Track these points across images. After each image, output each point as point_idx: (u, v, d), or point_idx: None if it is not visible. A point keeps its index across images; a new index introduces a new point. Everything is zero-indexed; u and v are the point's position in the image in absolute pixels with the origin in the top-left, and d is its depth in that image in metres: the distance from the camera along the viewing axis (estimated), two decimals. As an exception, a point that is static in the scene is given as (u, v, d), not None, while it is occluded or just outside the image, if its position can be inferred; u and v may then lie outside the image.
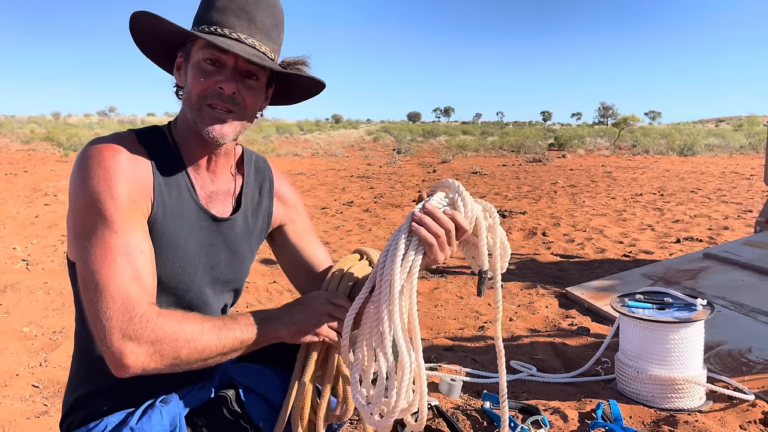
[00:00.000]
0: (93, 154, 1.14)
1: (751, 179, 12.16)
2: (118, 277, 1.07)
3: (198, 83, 1.19)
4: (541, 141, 26.67)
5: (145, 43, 1.28)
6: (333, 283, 1.31)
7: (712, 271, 3.93)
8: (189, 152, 1.28)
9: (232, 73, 1.20)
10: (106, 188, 1.11)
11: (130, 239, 1.11)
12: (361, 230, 6.83)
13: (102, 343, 1.05)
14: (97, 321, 1.06)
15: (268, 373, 1.41)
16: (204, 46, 1.19)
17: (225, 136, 1.22)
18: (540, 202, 9.12)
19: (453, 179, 1.19)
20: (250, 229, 1.40)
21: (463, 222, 1.14)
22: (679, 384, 2.39)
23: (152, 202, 1.19)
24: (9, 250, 5.42)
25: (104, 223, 1.10)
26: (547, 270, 4.93)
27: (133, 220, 1.13)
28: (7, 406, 2.51)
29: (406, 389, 1.13)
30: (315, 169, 14.88)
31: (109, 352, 1.05)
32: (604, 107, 78.08)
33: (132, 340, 1.04)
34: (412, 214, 1.14)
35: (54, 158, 16.27)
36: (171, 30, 1.21)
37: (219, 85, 1.19)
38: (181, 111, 1.27)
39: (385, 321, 1.11)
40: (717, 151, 22.30)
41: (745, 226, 6.82)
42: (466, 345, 3.23)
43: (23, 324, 3.49)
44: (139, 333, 1.04)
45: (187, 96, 1.22)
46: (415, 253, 1.12)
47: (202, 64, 1.19)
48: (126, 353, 1.04)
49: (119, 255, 1.09)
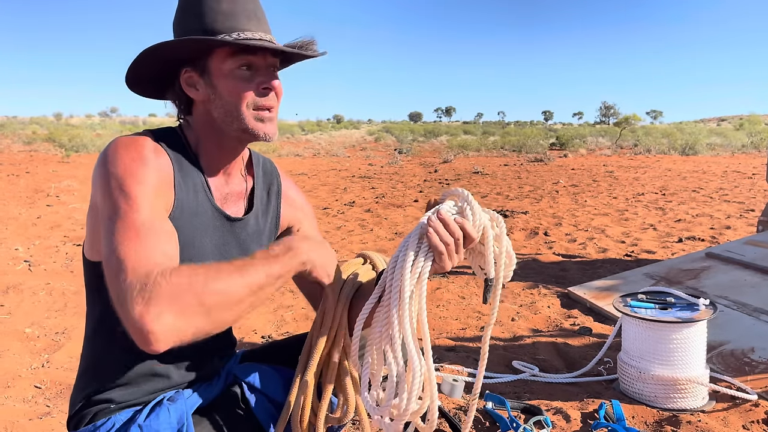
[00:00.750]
0: (119, 147, 1.14)
1: (753, 178, 12.14)
2: (141, 249, 1.03)
3: (241, 91, 1.20)
4: (543, 141, 26.66)
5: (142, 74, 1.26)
6: (336, 286, 1.31)
7: (714, 271, 3.92)
8: (207, 155, 1.29)
9: (268, 72, 1.23)
10: (132, 173, 1.11)
11: (155, 219, 1.09)
12: (362, 230, 6.83)
13: (126, 321, 0.97)
14: (119, 298, 0.99)
15: (273, 372, 1.43)
16: (231, 54, 1.19)
17: (275, 134, 1.27)
18: (542, 201, 9.11)
19: (462, 188, 1.21)
20: (260, 229, 1.41)
21: (472, 231, 1.16)
22: (682, 384, 2.39)
23: (174, 197, 1.20)
24: (11, 251, 5.42)
25: (129, 203, 1.07)
26: (549, 270, 4.92)
27: (158, 204, 1.13)
28: (9, 407, 2.51)
29: (416, 393, 1.15)
30: (316, 170, 14.89)
31: (134, 328, 0.95)
32: (605, 106, 78.04)
33: (151, 304, 0.95)
34: (426, 220, 1.15)
35: (56, 159, 16.30)
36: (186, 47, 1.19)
37: (264, 86, 1.22)
38: (199, 121, 1.27)
39: (395, 325, 1.13)
40: (719, 150, 22.28)
41: (747, 225, 6.81)
42: (468, 345, 3.22)
43: (25, 325, 3.50)
44: (155, 294, 0.96)
45: (227, 108, 1.22)
46: (424, 260, 1.14)
47: (238, 72, 1.20)
48: (148, 320, 0.94)
49: (143, 231, 1.05)
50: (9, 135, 27.08)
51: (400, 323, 1.13)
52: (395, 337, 1.13)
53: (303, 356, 1.31)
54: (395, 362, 1.14)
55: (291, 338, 1.63)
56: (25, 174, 12.32)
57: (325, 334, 1.28)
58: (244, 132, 1.24)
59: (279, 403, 1.37)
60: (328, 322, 1.29)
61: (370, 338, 1.19)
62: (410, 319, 1.13)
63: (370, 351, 1.19)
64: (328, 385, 1.30)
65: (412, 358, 1.14)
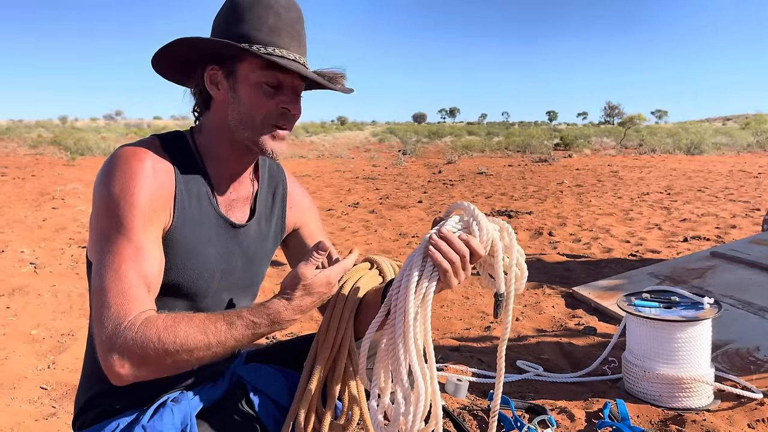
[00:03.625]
0: (119, 161, 1.16)
1: (759, 177, 12.08)
2: (119, 283, 1.07)
3: (262, 105, 1.21)
4: (547, 141, 26.57)
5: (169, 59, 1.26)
6: (343, 292, 1.30)
7: (719, 270, 3.90)
8: (215, 161, 1.30)
9: (293, 94, 1.24)
10: (127, 195, 1.12)
11: (142, 245, 1.12)
12: (366, 231, 6.83)
13: (98, 354, 1.07)
14: (95, 325, 1.08)
15: (278, 374, 1.43)
16: (262, 67, 1.20)
17: (283, 153, 1.27)
18: (546, 202, 9.09)
19: (468, 202, 1.17)
20: (264, 234, 1.40)
21: (478, 248, 1.13)
22: (687, 383, 2.38)
23: (173, 211, 1.21)
24: (17, 254, 5.45)
25: (119, 230, 1.11)
26: (554, 270, 4.91)
27: (148, 228, 1.14)
28: (15, 408, 2.52)
29: (421, 414, 1.14)
30: (320, 171, 14.90)
31: (102, 363, 1.06)
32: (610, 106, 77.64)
33: (115, 350, 1.04)
34: (428, 238, 1.13)
35: (61, 162, 16.35)
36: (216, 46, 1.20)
37: (284, 105, 1.22)
38: (217, 122, 1.27)
39: (400, 348, 1.12)
40: (724, 149, 22.18)
41: (752, 224, 6.78)
42: (473, 345, 3.22)
43: (31, 327, 3.51)
44: (122, 342, 1.04)
45: (244, 116, 1.22)
46: (429, 281, 1.12)
47: (264, 87, 1.21)
48: (112, 362, 1.04)
49: (127, 261, 1.09)
50: (15, 139, 27.19)
51: (405, 346, 1.12)
52: (400, 360, 1.12)
53: (308, 362, 1.30)
54: (400, 385, 1.14)
55: (296, 339, 1.63)
56: (31, 177, 12.37)
57: (330, 340, 1.28)
58: (253, 144, 1.24)
59: (283, 405, 1.37)
60: (333, 329, 1.28)
61: (378, 358, 1.19)
62: (415, 340, 1.12)
63: (378, 370, 1.18)
64: (333, 391, 1.29)
65: (417, 381, 1.12)
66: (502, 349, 1.25)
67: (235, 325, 1.11)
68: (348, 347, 1.28)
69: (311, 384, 1.27)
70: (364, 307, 1.29)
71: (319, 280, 1.17)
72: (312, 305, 1.18)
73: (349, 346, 1.28)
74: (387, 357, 1.16)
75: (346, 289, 1.30)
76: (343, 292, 1.30)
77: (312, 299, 1.17)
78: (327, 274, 1.18)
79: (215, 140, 1.28)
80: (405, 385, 1.13)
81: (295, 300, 1.16)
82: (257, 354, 1.55)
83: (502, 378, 1.26)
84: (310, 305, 1.18)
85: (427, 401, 1.14)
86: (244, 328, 1.12)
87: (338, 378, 1.29)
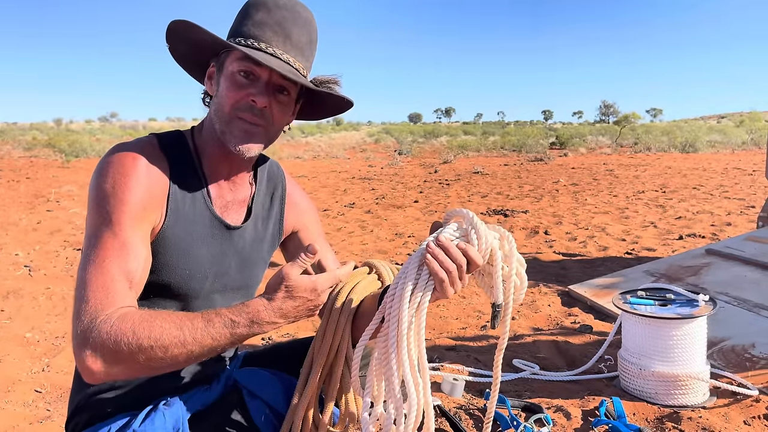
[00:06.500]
0: (113, 160, 1.16)
1: (754, 175, 12.13)
2: (101, 277, 1.06)
3: (231, 94, 1.20)
4: (543, 140, 26.63)
5: (178, 51, 1.28)
6: (340, 300, 1.28)
7: (714, 267, 3.91)
8: (210, 161, 1.29)
9: (265, 87, 1.21)
10: (117, 192, 1.12)
11: (128, 242, 1.11)
12: (362, 231, 6.83)
13: (72, 344, 1.04)
14: (72, 319, 1.05)
15: (274, 379, 1.40)
16: (239, 58, 1.20)
17: (251, 150, 1.23)
18: (542, 200, 9.11)
19: (467, 210, 1.12)
20: (260, 236, 1.39)
21: (476, 257, 1.08)
22: (683, 380, 2.38)
23: (165, 211, 1.20)
24: (11, 257, 5.43)
25: (107, 224, 1.10)
26: (550, 268, 4.92)
27: (137, 225, 1.13)
28: (10, 411, 2.51)
29: (413, 426, 1.11)
30: (316, 172, 14.89)
31: (75, 358, 1.02)
32: (605, 105, 77.88)
33: (88, 344, 1.00)
34: (426, 246, 1.09)
35: (56, 164, 16.30)
36: (206, 39, 1.21)
37: (252, 97, 1.19)
38: (208, 119, 1.28)
39: (393, 358, 1.09)
40: (719, 147, 22.26)
41: (747, 221, 6.81)
42: (469, 344, 3.22)
43: (25, 330, 3.50)
44: (95, 336, 1.00)
45: (218, 106, 1.22)
46: (424, 290, 1.08)
47: (236, 76, 1.20)
48: (84, 356, 1.00)
49: (111, 257, 1.08)
50: (9, 141, 27.06)
51: (398, 356, 1.09)
52: (393, 370, 1.10)
53: (305, 368, 1.28)
54: (392, 396, 1.11)
55: (293, 342, 1.60)
56: (26, 179, 12.33)
57: (327, 346, 1.26)
58: (222, 135, 1.22)
59: (279, 411, 1.35)
60: (330, 335, 1.26)
61: (371, 366, 1.16)
62: (408, 350, 1.09)
63: (371, 378, 1.16)
64: (330, 397, 1.27)
65: (409, 392, 1.10)
66: (499, 359, 1.22)
67: (213, 323, 1.05)
68: (345, 354, 1.26)
69: (308, 390, 1.25)
70: (362, 314, 1.26)
71: (303, 284, 1.11)
72: (295, 311, 1.12)
73: (346, 353, 1.26)
74: (380, 366, 1.14)
75: (343, 295, 1.28)
76: (340, 297, 1.27)
77: (295, 304, 1.11)
78: (313, 279, 1.13)
79: (208, 138, 1.28)
80: (397, 396, 1.10)
81: (276, 301, 1.10)
82: (254, 357, 1.53)
83: (498, 383, 1.25)
84: (293, 310, 1.12)
85: (419, 412, 1.11)
86: (222, 326, 1.05)
87: (335, 385, 1.27)
